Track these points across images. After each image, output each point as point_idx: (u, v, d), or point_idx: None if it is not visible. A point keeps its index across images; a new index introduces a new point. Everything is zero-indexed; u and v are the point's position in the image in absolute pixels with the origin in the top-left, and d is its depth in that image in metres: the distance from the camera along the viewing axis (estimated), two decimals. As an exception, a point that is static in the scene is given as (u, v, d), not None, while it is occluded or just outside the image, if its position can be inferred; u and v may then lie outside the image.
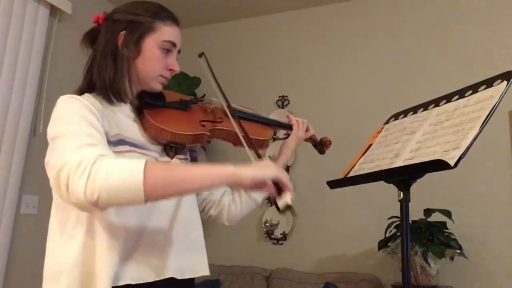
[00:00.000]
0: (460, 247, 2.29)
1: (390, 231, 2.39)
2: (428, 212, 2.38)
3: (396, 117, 1.30)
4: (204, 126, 1.16)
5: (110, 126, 1.01)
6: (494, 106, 0.90)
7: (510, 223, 2.49)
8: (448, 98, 1.10)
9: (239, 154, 1.17)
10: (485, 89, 0.99)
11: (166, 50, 1.10)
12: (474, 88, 1.03)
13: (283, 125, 1.41)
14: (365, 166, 1.19)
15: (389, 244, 2.39)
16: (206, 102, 1.26)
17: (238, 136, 1.20)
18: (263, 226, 3.05)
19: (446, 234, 2.33)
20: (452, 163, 0.85)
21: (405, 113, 1.26)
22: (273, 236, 3.02)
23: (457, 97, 1.07)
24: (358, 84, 3.04)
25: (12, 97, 2.40)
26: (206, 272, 1.12)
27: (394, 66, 2.96)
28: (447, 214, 2.32)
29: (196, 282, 1.14)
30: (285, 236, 3.00)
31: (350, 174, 1.22)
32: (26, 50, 2.49)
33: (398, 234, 2.35)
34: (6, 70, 2.37)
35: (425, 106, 1.17)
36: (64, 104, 0.98)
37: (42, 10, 2.62)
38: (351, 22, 3.16)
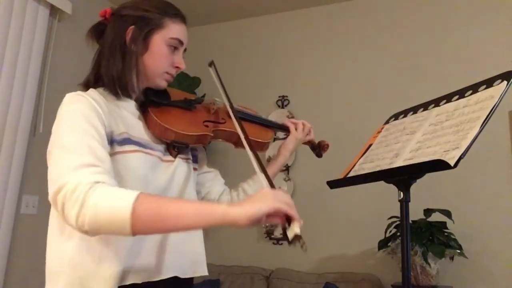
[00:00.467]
0: (460, 247, 2.29)
1: (390, 231, 2.39)
2: (428, 212, 2.38)
3: (396, 117, 1.30)
4: (207, 126, 1.16)
5: (116, 124, 1.01)
6: (494, 106, 0.90)
7: (510, 223, 2.49)
8: (448, 98, 1.10)
9: (240, 154, 1.17)
10: (485, 89, 0.99)
11: (173, 48, 1.10)
12: (474, 88, 1.03)
13: (284, 127, 1.42)
14: (365, 166, 1.19)
15: (389, 244, 2.39)
16: (210, 102, 1.26)
17: (240, 137, 1.20)
18: (263, 226, 3.05)
19: (446, 234, 2.33)
20: (452, 163, 0.85)
21: (405, 113, 1.26)
22: (273, 236, 3.02)
23: (457, 97, 1.07)
24: (358, 84, 3.04)
25: (12, 97, 2.40)
26: (205, 272, 1.12)
27: (394, 66, 2.96)
28: (447, 214, 2.32)
29: (196, 282, 1.15)
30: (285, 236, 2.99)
31: (350, 174, 1.22)
32: (26, 50, 2.49)
33: (398, 234, 2.35)
34: (6, 70, 2.37)
35: (425, 106, 1.17)
36: (70, 105, 0.97)
37: (42, 10, 2.62)
38: (351, 22, 3.16)
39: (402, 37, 2.98)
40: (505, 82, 0.94)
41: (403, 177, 1.04)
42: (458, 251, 2.28)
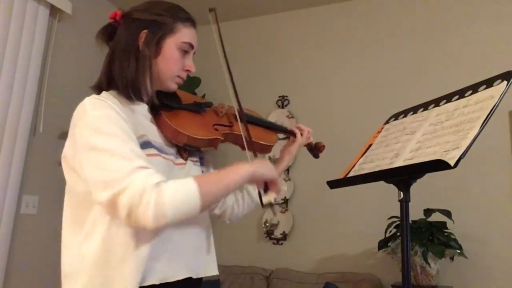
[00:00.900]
0: (460, 247, 2.29)
1: (390, 231, 2.39)
2: (428, 212, 2.38)
3: (396, 117, 1.30)
4: (217, 130, 1.18)
5: (135, 127, 1.01)
6: (494, 106, 0.90)
7: (510, 223, 2.49)
8: (448, 98, 1.10)
9: (240, 154, 1.18)
10: (485, 89, 0.99)
11: (184, 51, 1.12)
12: (474, 88, 1.03)
13: (288, 131, 1.46)
14: (365, 166, 1.19)
15: (389, 244, 2.39)
16: (218, 105, 1.28)
17: (252, 141, 1.22)
18: (263, 226, 3.05)
19: (446, 234, 2.33)
20: (452, 163, 0.85)
21: (405, 113, 1.26)
22: (273, 236, 3.02)
23: (457, 97, 1.07)
24: (358, 84, 3.04)
25: (12, 97, 2.40)
26: (215, 271, 1.15)
27: (394, 66, 2.96)
28: (447, 214, 2.32)
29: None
30: (285, 236, 3.00)
31: (350, 174, 1.22)
32: (26, 50, 2.49)
33: (398, 234, 2.35)
34: (6, 70, 2.37)
35: (425, 106, 1.17)
36: (96, 110, 0.96)
37: (42, 10, 2.62)
38: (351, 22, 3.16)
39: (402, 37, 2.98)
40: (505, 82, 0.94)
41: (403, 177, 1.04)
42: (458, 251, 2.28)
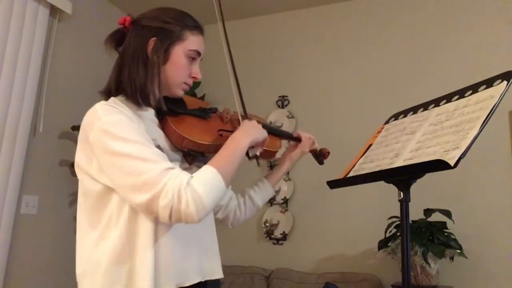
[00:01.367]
0: (460, 247, 2.29)
1: (390, 231, 2.39)
2: (428, 212, 2.38)
3: (396, 117, 1.30)
4: (221, 135, 1.19)
5: (146, 132, 1.03)
6: (494, 106, 0.90)
7: (510, 223, 2.49)
8: (448, 98, 1.10)
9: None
10: (485, 89, 0.99)
11: (191, 59, 1.14)
12: (474, 88, 1.03)
13: (293, 137, 1.48)
14: (365, 166, 1.19)
15: (389, 244, 2.39)
16: (223, 111, 1.30)
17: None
18: (263, 226, 3.05)
19: (446, 234, 2.33)
20: (452, 163, 0.85)
21: (405, 113, 1.26)
22: (273, 236, 3.02)
23: (457, 97, 1.07)
24: (358, 84, 3.04)
25: (12, 97, 2.40)
26: (221, 275, 1.15)
27: (394, 66, 2.96)
28: (447, 214, 2.32)
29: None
30: (285, 236, 3.00)
31: (350, 174, 1.22)
32: (26, 50, 2.49)
33: (398, 234, 2.35)
34: (6, 70, 2.37)
35: (425, 106, 1.17)
36: (109, 116, 0.98)
37: (42, 10, 2.62)
38: (351, 22, 3.16)
39: (402, 37, 2.98)
40: (505, 82, 0.94)
41: (403, 177, 1.04)
42: (458, 251, 2.28)
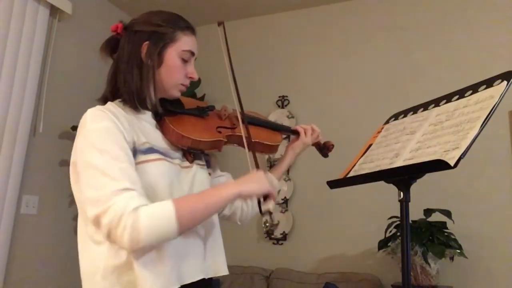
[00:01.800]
0: (460, 247, 2.29)
1: (390, 231, 2.39)
2: (428, 212, 2.38)
3: (396, 117, 1.30)
4: (220, 132, 1.21)
5: (137, 135, 1.05)
6: (494, 106, 0.90)
7: (510, 223, 2.49)
8: (448, 98, 1.10)
9: (240, 156, 1.18)
10: (485, 89, 0.99)
11: (186, 59, 1.14)
12: (474, 88, 1.03)
13: (293, 132, 1.49)
14: (365, 166, 1.19)
15: (389, 244, 2.39)
16: (221, 108, 1.31)
17: (251, 141, 1.24)
18: (263, 226, 3.05)
19: (446, 234, 2.33)
20: (452, 163, 0.85)
21: (405, 113, 1.26)
22: (273, 236, 3.02)
23: (457, 97, 1.07)
24: (358, 84, 3.04)
25: (12, 97, 2.40)
26: (225, 271, 1.16)
27: (394, 66, 2.96)
28: (447, 214, 2.32)
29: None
30: (285, 236, 3.00)
31: (350, 174, 1.22)
32: (26, 50, 2.49)
33: (398, 234, 2.35)
34: (6, 70, 2.37)
35: (425, 106, 1.17)
36: (95, 123, 0.99)
37: (42, 10, 2.62)
38: (351, 22, 3.16)
39: (402, 37, 2.98)
40: (505, 82, 0.94)
41: (403, 177, 1.04)
42: (458, 251, 2.28)
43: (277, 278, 2.77)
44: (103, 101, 1.13)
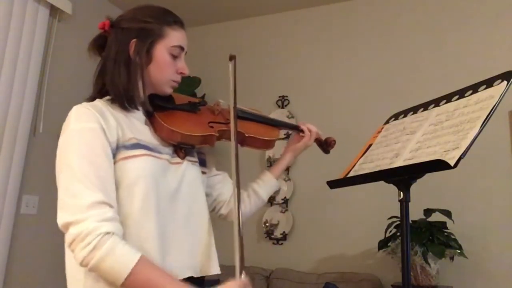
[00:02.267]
0: (460, 247, 2.29)
1: (390, 231, 2.39)
2: (428, 212, 2.38)
3: (396, 117, 1.30)
4: (212, 127, 1.19)
5: (123, 131, 1.03)
6: (494, 106, 0.90)
7: (510, 223, 2.49)
8: (448, 98, 1.10)
9: (242, 155, 1.18)
10: (485, 89, 0.99)
11: (175, 55, 1.12)
12: (474, 88, 1.03)
13: (290, 126, 1.47)
14: (365, 166, 1.19)
15: (389, 244, 2.39)
16: (214, 104, 1.29)
17: (245, 136, 1.25)
18: (263, 226, 3.05)
19: (446, 234, 2.33)
20: (452, 163, 0.85)
21: (405, 113, 1.26)
22: (273, 236, 3.02)
23: (457, 97, 1.07)
24: (358, 84, 3.04)
25: (12, 97, 2.40)
26: (217, 270, 1.15)
27: (395, 66, 2.96)
28: (447, 214, 2.32)
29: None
30: (285, 236, 3.00)
31: (350, 174, 1.22)
32: (26, 50, 2.49)
33: (398, 234, 2.35)
34: (6, 70, 2.37)
35: (425, 106, 1.17)
36: (78, 123, 0.98)
37: (42, 10, 2.62)
38: (351, 22, 3.16)
39: (402, 36, 2.98)
40: (505, 82, 0.94)
41: (403, 177, 1.04)
42: (458, 251, 2.28)
43: (277, 278, 2.76)
44: (91, 100, 1.10)
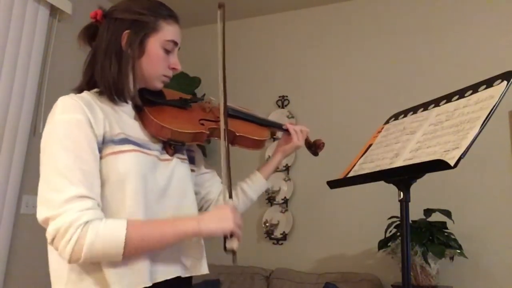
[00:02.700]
0: (460, 247, 2.29)
1: (390, 231, 2.39)
2: (428, 212, 2.38)
3: (396, 117, 1.30)
4: (203, 124, 1.17)
5: (110, 125, 1.00)
6: (494, 106, 0.90)
7: (510, 223, 2.49)
8: (448, 98, 1.10)
9: (235, 154, 1.18)
10: (485, 89, 0.99)
11: (168, 49, 1.10)
12: (474, 88, 1.03)
13: (277, 126, 1.44)
14: (365, 166, 1.19)
15: (389, 244, 2.39)
16: (205, 101, 1.27)
17: (236, 135, 1.23)
18: (263, 226, 3.05)
19: (446, 234, 2.33)
20: (452, 163, 0.85)
21: (405, 113, 1.26)
22: (273, 236, 3.02)
23: (457, 97, 1.07)
24: (358, 84, 3.04)
25: (12, 97, 2.39)
26: (205, 270, 1.12)
27: (394, 66, 2.96)
28: (447, 214, 2.32)
29: (195, 282, 1.15)
30: (285, 236, 3.00)
31: (350, 174, 1.22)
32: (26, 50, 2.49)
33: (398, 234, 2.35)
34: (6, 70, 2.37)
35: (425, 106, 1.17)
36: (63, 114, 0.96)
37: (42, 10, 2.62)
38: (351, 22, 3.16)
39: (402, 37, 2.98)
40: (505, 82, 0.94)
41: (403, 177, 1.04)
42: (458, 251, 2.28)
43: (277, 278, 2.76)
44: (79, 91, 1.07)
